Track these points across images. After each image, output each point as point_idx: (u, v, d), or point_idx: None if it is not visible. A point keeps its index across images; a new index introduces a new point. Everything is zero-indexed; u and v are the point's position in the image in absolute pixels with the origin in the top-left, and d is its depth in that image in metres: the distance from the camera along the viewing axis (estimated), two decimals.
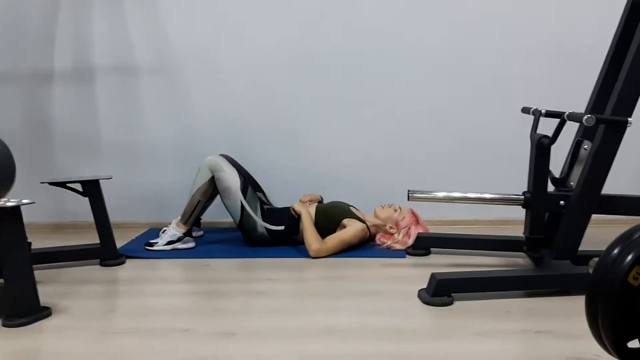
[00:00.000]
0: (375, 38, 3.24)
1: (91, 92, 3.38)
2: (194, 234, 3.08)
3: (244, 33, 3.28)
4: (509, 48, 3.21)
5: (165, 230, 2.95)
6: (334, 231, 2.87)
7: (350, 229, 2.84)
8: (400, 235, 2.86)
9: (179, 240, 2.92)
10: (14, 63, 3.38)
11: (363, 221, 2.91)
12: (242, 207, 2.86)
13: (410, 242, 2.84)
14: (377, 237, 2.96)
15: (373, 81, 3.28)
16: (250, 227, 2.89)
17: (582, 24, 3.14)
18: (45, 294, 2.20)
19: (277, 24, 3.26)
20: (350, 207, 2.99)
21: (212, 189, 2.90)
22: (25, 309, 2.00)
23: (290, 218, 2.90)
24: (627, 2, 2.37)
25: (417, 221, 2.91)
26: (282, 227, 2.89)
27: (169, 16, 3.29)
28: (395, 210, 2.93)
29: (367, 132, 3.31)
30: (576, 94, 2.69)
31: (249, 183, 2.96)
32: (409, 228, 2.86)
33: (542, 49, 3.19)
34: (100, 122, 3.41)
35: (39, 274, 2.27)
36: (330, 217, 2.91)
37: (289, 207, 3.02)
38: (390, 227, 2.89)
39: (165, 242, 2.91)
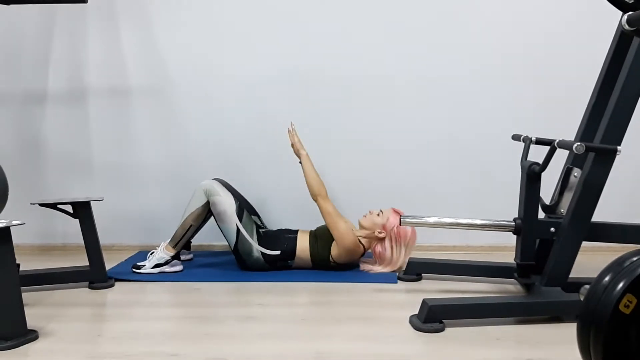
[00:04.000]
0: (370, 66, 3.27)
1: (84, 114, 3.38)
2: (183, 257, 3.06)
3: (239, 55, 3.30)
4: (500, 75, 3.25)
5: (153, 252, 2.93)
6: (329, 251, 2.86)
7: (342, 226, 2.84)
8: (391, 246, 2.84)
9: (166, 263, 2.90)
10: (8, 83, 3.38)
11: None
12: (238, 231, 2.85)
13: (402, 251, 2.84)
14: (361, 265, 2.96)
15: (367, 108, 3.31)
16: (246, 252, 2.87)
17: (572, 52, 3.19)
18: (33, 317, 2.17)
19: (272, 49, 3.29)
20: None
21: (206, 213, 2.89)
22: (12, 332, 1.97)
23: (285, 244, 2.90)
24: (617, 31, 2.42)
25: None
26: (278, 252, 2.88)
27: (164, 39, 3.31)
28: (378, 215, 2.92)
29: (359, 158, 3.32)
30: (566, 121, 2.72)
31: (244, 207, 2.96)
32: (396, 226, 2.84)
33: (532, 77, 3.23)
34: (93, 144, 3.41)
35: (26, 296, 2.24)
36: (321, 237, 2.90)
37: (285, 229, 3.02)
38: (379, 232, 2.87)
39: (152, 265, 2.89)
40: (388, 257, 2.87)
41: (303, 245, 2.90)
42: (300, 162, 2.92)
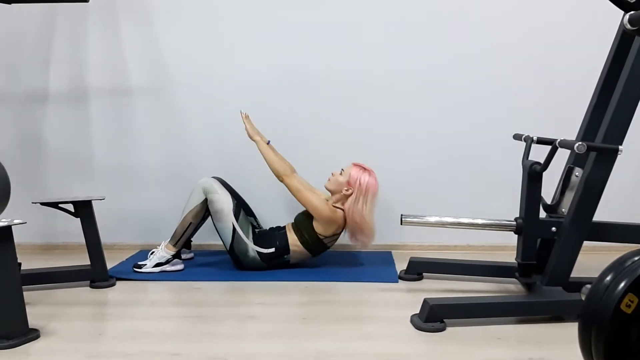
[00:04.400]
0: (370, 66, 3.27)
1: (85, 113, 3.39)
2: (184, 256, 3.06)
3: (240, 55, 3.30)
4: (501, 75, 3.24)
5: (154, 252, 2.93)
6: (314, 231, 2.87)
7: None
8: (356, 199, 2.83)
9: (167, 262, 2.90)
10: (9, 82, 3.38)
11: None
12: (234, 230, 2.85)
13: (369, 205, 2.83)
14: (349, 237, 2.95)
15: (367, 108, 3.31)
16: (241, 251, 2.87)
17: (573, 51, 3.19)
18: (34, 316, 2.17)
19: (273, 49, 3.29)
20: None
21: (204, 211, 2.90)
22: (13, 331, 1.97)
23: (277, 240, 2.90)
24: (618, 30, 2.42)
25: (363, 169, 2.88)
26: (272, 250, 2.88)
27: (165, 39, 3.32)
28: (341, 174, 2.91)
29: (359, 157, 3.30)
30: (568, 121, 2.72)
31: (241, 207, 2.96)
32: (360, 179, 2.84)
33: (533, 76, 3.23)
34: (94, 143, 3.41)
35: (28, 295, 2.24)
36: (301, 225, 2.91)
37: (275, 227, 3.02)
38: (346, 190, 2.86)
39: (153, 264, 2.89)
40: (355, 214, 2.83)
41: (292, 238, 2.91)
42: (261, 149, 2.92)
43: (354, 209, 2.84)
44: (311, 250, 2.91)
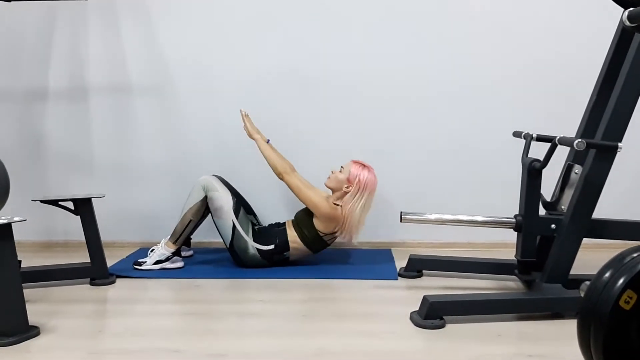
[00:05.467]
0: (372, 63, 3.27)
1: (85, 110, 3.38)
2: (183, 253, 3.06)
3: (240, 54, 3.30)
4: (501, 72, 3.24)
5: (153, 249, 2.94)
6: (314, 228, 2.87)
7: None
8: (354, 196, 2.82)
9: (167, 259, 2.91)
10: (9, 80, 3.38)
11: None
12: (234, 227, 2.85)
13: (364, 201, 2.83)
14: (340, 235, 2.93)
15: (367, 106, 3.30)
16: (241, 249, 2.88)
17: (574, 48, 3.18)
18: (34, 313, 2.17)
19: (274, 45, 3.29)
20: None
21: (204, 208, 2.90)
22: (13, 328, 1.98)
23: (277, 237, 2.90)
24: (618, 27, 2.41)
25: (363, 165, 2.88)
26: (272, 247, 2.88)
27: (165, 36, 3.31)
28: (341, 171, 2.91)
29: (360, 154, 3.30)
30: (568, 118, 2.72)
31: (241, 204, 2.96)
32: (359, 176, 2.83)
33: (533, 74, 3.23)
34: (94, 141, 3.41)
35: (28, 292, 2.25)
36: (301, 222, 2.91)
37: (274, 223, 3.03)
38: (346, 187, 2.85)
39: (153, 261, 2.89)
40: (347, 208, 2.82)
41: (292, 235, 2.91)
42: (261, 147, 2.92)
43: (349, 203, 2.84)
44: (311, 247, 2.91)
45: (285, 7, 3.26)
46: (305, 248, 2.91)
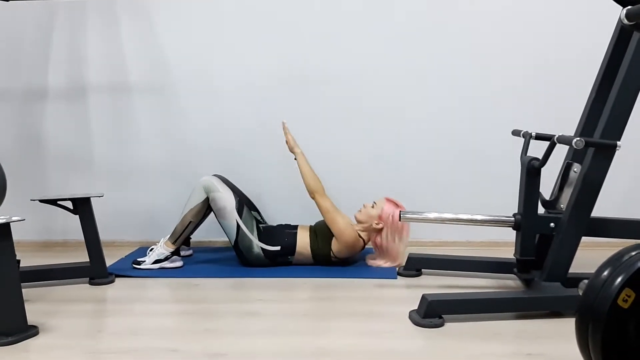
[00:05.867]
0: (372, 61, 3.27)
1: (84, 110, 3.38)
2: (182, 253, 3.06)
3: (240, 53, 3.30)
4: (500, 71, 3.24)
5: (152, 249, 2.93)
6: (330, 246, 2.87)
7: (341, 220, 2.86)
8: (388, 235, 2.85)
9: (166, 259, 2.90)
10: (8, 80, 3.38)
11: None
12: (238, 227, 2.85)
13: (404, 238, 2.86)
14: (367, 260, 2.96)
15: (368, 104, 3.30)
16: (246, 248, 2.88)
17: (572, 46, 3.18)
18: (33, 313, 2.17)
19: (274, 45, 3.28)
20: None
21: (205, 210, 2.90)
22: (12, 328, 1.98)
23: (285, 239, 2.90)
24: (617, 25, 2.41)
25: (396, 205, 2.89)
26: (278, 248, 2.88)
27: (164, 35, 3.31)
28: (372, 207, 2.91)
29: (360, 153, 3.32)
30: (566, 116, 2.71)
31: (244, 202, 2.96)
32: (392, 215, 2.84)
33: (532, 72, 3.22)
34: (93, 140, 3.41)
35: (27, 292, 2.25)
36: (321, 233, 2.91)
37: (285, 224, 3.02)
38: (377, 223, 2.86)
39: (152, 260, 2.89)
40: (388, 246, 2.87)
41: (303, 241, 2.90)
42: (295, 159, 2.92)
43: (386, 244, 2.87)
44: (317, 259, 2.91)
45: (286, 7, 3.26)
46: (311, 257, 2.91)
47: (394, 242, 2.87)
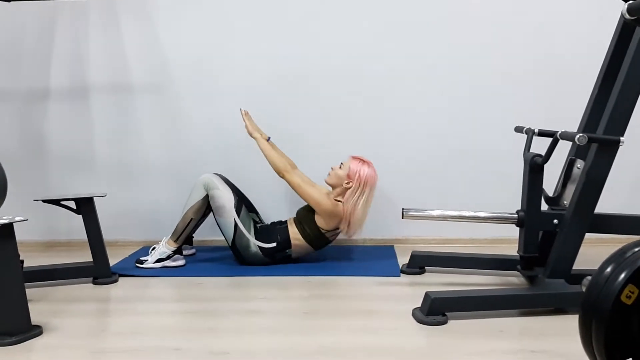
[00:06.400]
0: (371, 59, 3.26)
1: (86, 110, 3.39)
2: (185, 252, 3.07)
3: (240, 52, 3.29)
4: (503, 67, 3.23)
5: (155, 247, 2.94)
6: (316, 225, 2.88)
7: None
8: (354, 192, 2.84)
9: (168, 258, 2.91)
10: (10, 80, 3.38)
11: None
12: (236, 225, 2.85)
13: (365, 196, 2.84)
14: (342, 230, 2.92)
15: (369, 104, 3.30)
16: (243, 246, 2.88)
17: (575, 42, 3.17)
18: (37, 312, 2.18)
19: (274, 43, 3.28)
20: None
21: (205, 207, 2.90)
22: (16, 327, 1.98)
23: (278, 235, 2.90)
24: (619, 20, 2.40)
25: (362, 161, 2.89)
26: (274, 244, 2.88)
27: (166, 35, 3.31)
28: (340, 168, 2.92)
29: (363, 151, 3.29)
30: (569, 112, 2.71)
31: (242, 203, 2.96)
32: (359, 171, 2.84)
33: (534, 68, 3.21)
34: (95, 140, 3.41)
35: (30, 291, 2.25)
36: (303, 219, 2.92)
37: (276, 221, 3.04)
38: (347, 183, 2.86)
39: (154, 259, 2.90)
40: (353, 202, 2.83)
41: (294, 232, 2.91)
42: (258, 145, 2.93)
43: (350, 200, 2.85)
44: (312, 243, 2.91)
45: (287, 7, 3.26)
46: (307, 245, 2.91)
47: (358, 199, 2.84)
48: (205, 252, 3.23)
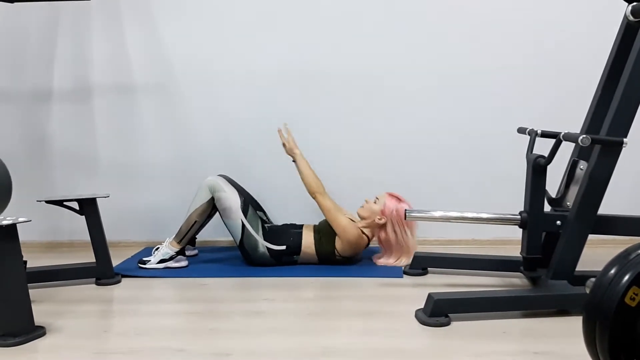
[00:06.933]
0: (376, 60, 3.26)
1: (90, 111, 3.39)
2: (188, 252, 3.07)
3: (244, 53, 3.30)
4: (505, 68, 3.23)
5: (158, 248, 2.94)
6: (333, 245, 2.87)
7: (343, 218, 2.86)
8: (394, 230, 2.84)
9: (171, 258, 2.91)
10: (13, 81, 3.39)
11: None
12: (243, 226, 2.85)
13: (409, 237, 2.86)
14: (374, 260, 2.96)
15: (372, 102, 3.30)
16: (251, 247, 2.88)
17: (578, 44, 3.16)
18: (40, 313, 2.18)
19: (278, 44, 3.28)
20: None
21: (210, 209, 2.90)
22: (20, 328, 1.98)
23: (291, 238, 2.90)
24: (622, 22, 2.40)
25: (398, 199, 2.89)
26: (283, 247, 2.88)
27: (169, 35, 3.31)
28: (375, 202, 2.91)
29: (366, 152, 3.31)
30: (572, 114, 2.70)
31: (249, 202, 2.96)
32: (395, 210, 2.84)
33: (537, 70, 3.21)
34: (98, 141, 3.42)
35: (34, 292, 2.26)
36: (324, 232, 2.90)
37: (290, 224, 3.02)
38: (379, 219, 2.86)
39: (157, 260, 2.90)
40: (394, 241, 2.86)
41: (308, 240, 2.90)
42: (294, 162, 2.92)
43: (390, 239, 2.87)
44: (321, 257, 2.91)
45: (287, 6, 3.26)
46: (316, 256, 2.91)
47: (406, 235, 2.86)
48: (209, 253, 3.23)
